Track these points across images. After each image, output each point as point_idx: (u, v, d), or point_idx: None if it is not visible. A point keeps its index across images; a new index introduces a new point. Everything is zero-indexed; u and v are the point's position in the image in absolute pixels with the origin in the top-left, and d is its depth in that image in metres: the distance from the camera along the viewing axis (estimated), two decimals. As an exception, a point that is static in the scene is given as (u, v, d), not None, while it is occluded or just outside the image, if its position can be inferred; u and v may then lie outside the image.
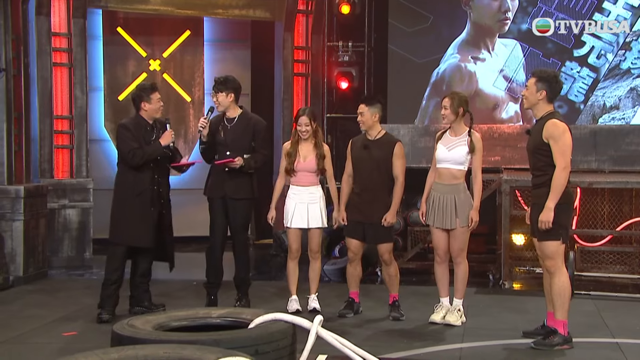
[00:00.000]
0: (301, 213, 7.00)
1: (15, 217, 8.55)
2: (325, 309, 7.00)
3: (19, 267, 8.53)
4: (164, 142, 6.81)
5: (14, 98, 8.83)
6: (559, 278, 5.80)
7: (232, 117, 6.99)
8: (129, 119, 7.09)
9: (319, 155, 6.99)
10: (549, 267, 5.84)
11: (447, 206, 6.55)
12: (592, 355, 5.75)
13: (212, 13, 11.20)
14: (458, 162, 6.58)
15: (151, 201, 6.80)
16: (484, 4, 10.67)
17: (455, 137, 6.63)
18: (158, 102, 6.89)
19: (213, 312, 5.00)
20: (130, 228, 6.79)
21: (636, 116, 10.24)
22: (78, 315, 6.85)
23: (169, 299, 6.93)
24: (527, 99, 5.98)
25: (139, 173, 6.80)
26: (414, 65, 10.81)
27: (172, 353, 3.85)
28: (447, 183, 6.59)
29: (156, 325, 4.57)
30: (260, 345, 4.32)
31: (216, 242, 7.03)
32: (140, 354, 3.87)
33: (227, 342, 4.14)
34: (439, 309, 6.68)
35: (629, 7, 10.22)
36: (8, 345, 6.06)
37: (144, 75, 11.45)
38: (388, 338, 6.28)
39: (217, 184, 6.97)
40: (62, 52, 9.94)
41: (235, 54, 11.83)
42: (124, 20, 11.34)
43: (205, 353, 3.79)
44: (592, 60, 10.36)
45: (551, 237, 5.77)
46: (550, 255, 5.80)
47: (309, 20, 11.33)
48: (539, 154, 5.87)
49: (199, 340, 4.16)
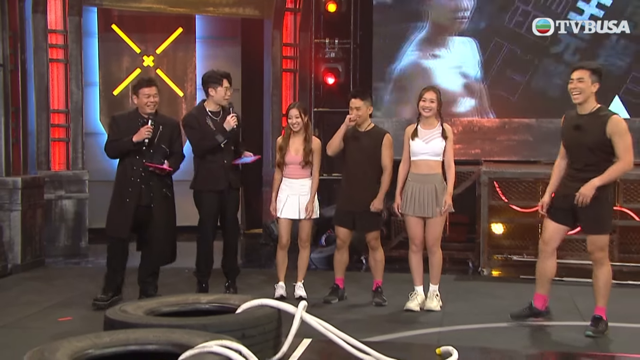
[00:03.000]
0: (292, 204, 7.03)
1: (13, 207, 8.55)
2: (312, 295, 7.04)
3: (16, 255, 8.53)
4: (136, 138, 6.59)
5: (12, 93, 8.80)
6: (606, 268, 5.79)
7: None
8: (124, 112, 7.08)
9: (308, 148, 7.00)
10: (600, 258, 5.78)
11: (427, 196, 6.57)
12: (563, 337, 5.82)
13: (203, 11, 11.18)
14: (435, 154, 6.60)
15: (131, 194, 6.65)
16: (442, 4, 10.56)
17: (430, 130, 6.64)
18: (146, 97, 6.71)
19: (202, 298, 5.05)
20: (111, 218, 6.76)
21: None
22: (73, 301, 6.87)
23: (161, 286, 6.93)
24: (582, 92, 5.67)
25: (122, 166, 6.75)
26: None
27: (162, 337, 3.91)
28: (426, 173, 6.62)
29: (147, 310, 4.62)
30: (247, 329, 4.38)
31: (208, 232, 7.02)
32: (131, 337, 3.93)
33: (215, 327, 4.20)
34: (414, 296, 6.70)
35: (602, 6, 10.26)
36: (6, 330, 6.07)
37: (138, 70, 11.43)
38: (370, 322, 6.31)
39: (216, 178, 6.94)
40: (58, 49, 9.90)
41: (226, 51, 11.80)
42: (119, 17, 11.31)
43: (193, 337, 3.83)
44: (567, 57, 10.39)
45: (603, 231, 5.76)
46: (602, 247, 5.76)
47: (296, 18, 11.33)
48: (599, 150, 5.70)
49: (187, 325, 4.22)
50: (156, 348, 3.80)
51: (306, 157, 6.99)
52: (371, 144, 6.91)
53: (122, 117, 7.01)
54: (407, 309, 6.63)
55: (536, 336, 5.89)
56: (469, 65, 10.49)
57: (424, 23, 10.60)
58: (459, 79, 10.58)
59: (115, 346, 3.81)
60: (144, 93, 6.70)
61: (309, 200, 7.08)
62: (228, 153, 7.02)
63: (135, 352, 3.79)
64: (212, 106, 7.04)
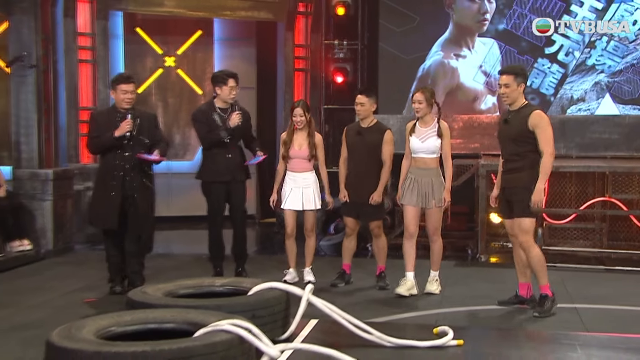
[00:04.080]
0: (296, 196, 7.05)
1: (45, 197, 8.66)
2: (320, 279, 7.09)
3: (49, 241, 8.64)
4: (118, 133, 6.39)
5: (44, 92, 8.90)
6: (534, 251, 5.79)
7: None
8: (102, 109, 6.93)
9: (312, 143, 7.02)
10: (524, 242, 5.79)
11: (425, 188, 6.59)
12: (551, 318, 5.82)
13: (221, 14, 11.21)
14: (431, 152, 6.59)
15: (115, 186, 6.46)
16: (465, 7, 10.69)
17: (426, 128, 6.62)
18: (123, 93, 6.50)
19: (216, 281, 5.09)
20: (96, 210, 6.62)
21: (600, 107, 10.27)
22: (99, 284, 6.93)
23: (180, 271, 7.01)
24: (508, 96, 5.81)
25: (105, 160, 6.57)
26: (402, 62, 10.81)
27: (178, 316, 3.98)
28: (423, 168, 6.62)
29: (166, 292, 4.68)
30: (257, 310, 4.42)
31: (216, 220, 7.07)
32: (150, 316, 3.99)
33: (228, 308, 4.24)
34: (404, 282, 6.62)
35: (594, 9, 10.22)
36: (38, 309, 6.18)
37: (160, 70, 11.50)
38: (373, 305, 6.35)
39: (219, 170, 6.97)
40: (86, 50, 9.95)
41: (242, 51, 11.82)
42: (142, 21, 11.36)
43: (207, 316, 3.90)
44: (561, 57, 10.36)
45: (528, 214, 5.76)
46: (526, 230, 5.77)
47: (308, 20, 11.34)
48: (522, 141, 5.79)
49: (202, 306, 4.27)
50: (173, 326, 3.87)
51: (311, 151, 7.00)
52: (373, 140, 6.94)
53: (100, 113, 6.90)
54: (396, 293, 6.55)
55: (528, 317, 5.89)
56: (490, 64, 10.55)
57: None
58: (481, 77, 10.64)
59: (136, 324, 3.89)
60: (122, 89, 6.52)
61: (325, 191, 7.18)
62: (233, 148, 7.02)
63: (154, 330, 3.85)
64: (220, 103, 7.05)
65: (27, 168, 8.76)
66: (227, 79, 6.98)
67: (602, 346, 4.80)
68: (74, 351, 3.40)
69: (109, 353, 3.36)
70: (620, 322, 5.80)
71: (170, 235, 10.46)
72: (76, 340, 3.50)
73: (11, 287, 7.09)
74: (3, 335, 5.36)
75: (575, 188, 9.42)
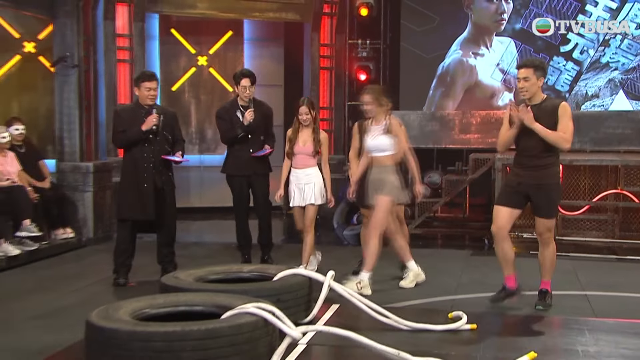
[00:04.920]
0: (300, 193, 6.83)
1: (86, 188, 8.79)
2: (342, 267, 7.07)
3: (90, 230, 8.79)
4: (145, 127, 6.34)
5: (85, 90, 9.01)
6: (553, 245, 5.59)
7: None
8: (127, 105, 6.86)
9: (316, 140, 6.77)
10: (547, 238, 5.54)
11: (376, 185, 6.20)
12: (562, 304, 5.78)
13: (250, 16, 11.30)
14: (382, 150, 6.21)
15: (144, 179, 6.41)
16: (483, 7, 10.65)
17: (376, 126, 6.26)
18: (147, 90, 6.41)
19: (244, 268, 5.18)
20: (127, 203, 6.53)
21: (613, 103, 10.21)
22: (135, 270, 6.95)
23: (210, 258, 7.08)
24: (528, 90, 5.32)
25: (132, 154, 6.50)
26: (422, 60, 10.83)
27: (207, 299, 4.05)
28: (377, 165, 6.25)
29: (197, 277, 4.76)
30: (282, 294, 4.50)
31: (241, 211, 7.10)
32: (181, 299, 4.09)
33: (254, 292, 4.32)
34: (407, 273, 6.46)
35: (608, 9, 10.15)
36: (80, 292, 6.32)
37: (193, 69, 11.61)
38: (391, 291, 6.34)
39: (240, 164, 6.99)
40: (124, 51, 10.06)
41: (271, 51, 11.88)
42: (177, 22, 11.46)
43: (234, 300, 3.97)
44: (576, 55, 10.32)
45: (554, 214, 5.59)
46: (551, 228, 5.54)
47: (333, 21, 11.40)
48: None
49: (230, 290, 4.35)
50: (202, 309, 3.95)
51: (316, 147, 6.74)
52: None
53: (124, 110, 6.87)
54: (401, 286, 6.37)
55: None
56: (507, 62, 10.51)
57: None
58: (498, 75, 10.61)
59: (168, 307, 3.98)
60: (146, 86, 6.43)
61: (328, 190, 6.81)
62: (254, 143, 7.00)
63: (184, 312, 3.94)
64: (241, 101, 7.05)
65: (69, 161, 8.91)
66: (241, 79, 6.98)
67: (610, 331, 4.78)
68: (111, 330, 3.50)
69: (142, 332, 3.46)
70: (630, 309, 5.77)
71: (202, 225, 10.59)
72: (113, 321, 3.60)
73: (55, 272, 7.25)
74: (49, 317, 5.51)
75: (589, 181, 9.38)
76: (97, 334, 3.55)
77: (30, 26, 9.59)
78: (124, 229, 6.65)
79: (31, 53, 9.69)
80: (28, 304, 5.90)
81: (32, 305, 5.86)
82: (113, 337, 3.48)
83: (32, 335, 5.02)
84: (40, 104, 9.74)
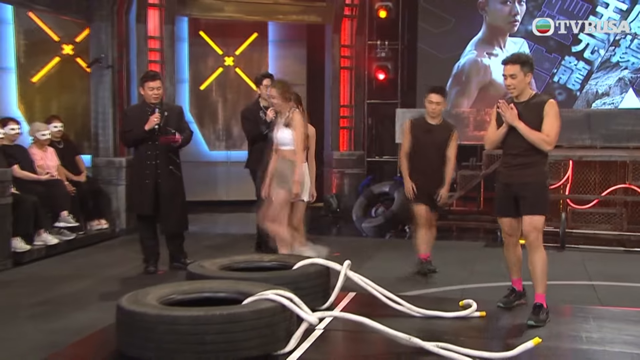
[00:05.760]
0: None
1: (119, 182, 8.90)
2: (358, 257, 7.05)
3: (122, 221, 8.90)
4: (148, 127, 6.38)
5: (118, 89, 9.14)
6: (541, 252, 4.77)
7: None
8: (135, 104, 6.82)
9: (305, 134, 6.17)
10: (534, 240, 4.75)
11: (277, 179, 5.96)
12: (568, 293, 5.81)
13: (274, 18, 11.35)
14: (284, 143, 5.93)
15: (149, 175, 6.46)
16: (497, 9, 10.60)
17: (281, 120, 6.02)
18: (150, 90, 6.45)
19: (265, 257, 5.20)
20: (132, 198, 6.62)
21: (623, 101, 10.11)
22: (165, 258, 7.09)
23: (234, 248, 7.14)
24: (516, 87, 4.78)
25: (138, 152, 6.57)
26: (439, 60, 10.80)
27: (230, 286, 4.10)
28: (282, 159, 5.98)
29: (221, 266, 4.80)
30: (300, 282, 4.50)
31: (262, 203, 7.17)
32: (206, 286, 4.15)
33: (274, 280, 4.31)
34: None
35: (619, 10, 10.05)
36: (111, 279, 6.44)
37: (220, 69, 11.70)
38: (405, 280, 6.39)
39: (262, 160, 6.79)
40: (155, 52, 10.03)
41: (294, 52, 11.93)
42: (205, 25, 11.54)
43: (255, 287, 4.00)
44: (587, 55, 10.22)
45: (541, 211, 4.78)
46: (539, 228, 4.75)
47: (353, 23, 11.37)
48: None
49: (252, 278, 4.38)
50: (225, 295, 4.00)
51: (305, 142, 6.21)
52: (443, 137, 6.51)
53: (131, 109, 6.87)
54: None
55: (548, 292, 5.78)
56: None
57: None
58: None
59: (193, 293, 4.04)
60: (149, 86, 6.47)
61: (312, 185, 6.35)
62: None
63: (208, 298, 3.99)
64: (263, 101, 7.11)
65: (104, 156, 9.05)
66: (262, 79, 7.08)
67: (614, 319, 4.77)
68: (139, 314, 3.58)
69: (168, 316, 3.53)
70: (635, 298, 5.77)
71: (229, 218, 10.69)
72: (142, 305, 3.67)
73: (91, 260, 7.40)
74: (84, 301, 5.64)
75: (599, 176, 9.32)
76: (127, 317, 3.63)
77: (68, 30, 9.75)
78: (141, 222, 6.76)
79: (69, 55, 9.85)
80: (66, 289, 6.05)
81: (70, 290, 6.01)
82: (141, 320, 3.55)
83: (69, 317, 5.15)
84: (77, 103, 9.90)
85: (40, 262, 7.15)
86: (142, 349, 3.56)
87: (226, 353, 3.52)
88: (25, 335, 4.72)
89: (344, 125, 11.45)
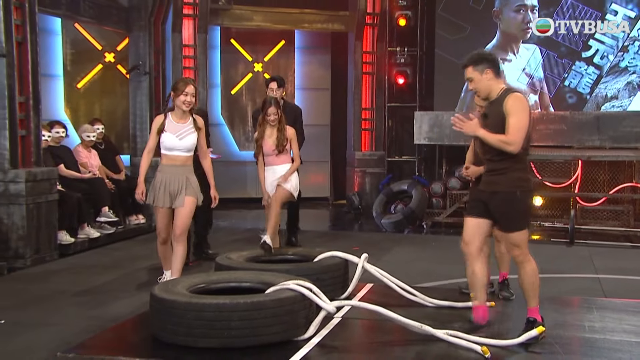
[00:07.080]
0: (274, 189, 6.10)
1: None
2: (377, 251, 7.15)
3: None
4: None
5: (155, 94, 9.26)
6: (529, 266, 4.05)
7: None
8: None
9: (281, 138, 6.06)
10: (517, 255, 4.07)
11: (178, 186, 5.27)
12: (574, 285, 5.78)
13: (300, 27, 11.42)
14: (188, 150, 5.28)
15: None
16: (511, 17, 10.54)
17: (183, 124, 5.28)
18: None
19: (288, 250, 5.27)
20: None
21: (631, 104, 9.98)
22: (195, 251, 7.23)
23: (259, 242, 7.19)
24: (479, 89, 4.13)
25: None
26: (455, 66, 10.58)
27: (254, 277, 4.17)
28: (180, 165, 5.29)
29: (246, 258, 4.89)
30: (320, 274, 4.57)
31: None
32: (232, 276, 4.23)
33: (296, 272, 4.39)
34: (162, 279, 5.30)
35: (627, 17, 9.93)
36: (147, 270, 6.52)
37: (250, 75, 11.79)
38: (419, 272, 6.40)
39: None
40: (189, 59, 10.23)
41: (319, 58, 11.99)
42: (236, 34, 11.64)
43: (278, 278, 4.07)
44: (596, 60, 10.11)
45: (519, 228, 4.04)
46: (518, 243, 4.04)
47: (374, 31, 11.39)
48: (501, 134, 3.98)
49: (275, 270, 4.46)
50: (249, 285, 4.07)
51: (279, 146, 6.02)
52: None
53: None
54: None
55: (555, 284, 5.84)
56: (532, 67, 10.40)
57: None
58: (524, 78, 10.50)
59: (220, 282, 4.12)
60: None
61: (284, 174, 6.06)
62: None
63: (234, 287, 4.07)
64: None
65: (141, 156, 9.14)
66: (269, 83, 6.98)
67: (616, 309, 4.75)
68: (170, 301, 3.67)
69: (197, 303, 3.61)
70: (638, 290, 5.72)
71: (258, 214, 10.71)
72: (173, 293, 3.76)
73: (129, 253, 7.50)
74: (122, 290, 5.76)
75: (607, 175, 9.27)
76: (159, 305, 3.72)
77: (110, 39, 9.92)
78: None
79: (111, 62, 10.02)
80: (105, 279, 6.17)
81: (109, 280, 6.13)
82: (172, 307, 3.63)
83: (108, 304, 5.26)
84: (117, 107, 10.06)
85: (83, 253, 7.30)
86: (173, 333, 3.64)
87: (250, 338, 3.59)
88: (69, 321, 4.83)
89: (365, 127, 11.47)
